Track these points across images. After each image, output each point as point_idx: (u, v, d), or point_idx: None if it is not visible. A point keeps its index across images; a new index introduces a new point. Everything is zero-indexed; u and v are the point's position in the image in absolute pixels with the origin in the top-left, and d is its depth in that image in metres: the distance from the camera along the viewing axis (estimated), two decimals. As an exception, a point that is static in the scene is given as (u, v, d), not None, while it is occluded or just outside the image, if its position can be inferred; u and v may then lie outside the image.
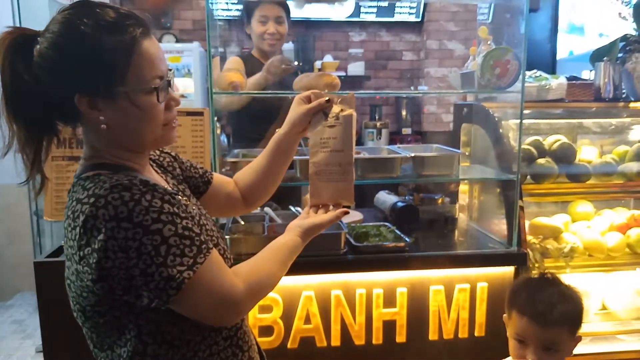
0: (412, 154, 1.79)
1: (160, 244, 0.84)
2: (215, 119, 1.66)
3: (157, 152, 1.14)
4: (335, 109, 1.11)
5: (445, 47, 4.95)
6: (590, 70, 2.47)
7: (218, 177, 1.24)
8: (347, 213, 1.08)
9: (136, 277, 0.83)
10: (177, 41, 4.44)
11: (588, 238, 2.12)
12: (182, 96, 3.68)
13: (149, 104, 0.91)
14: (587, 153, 2.31)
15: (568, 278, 2.10)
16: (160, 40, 4.68)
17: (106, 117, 0.90)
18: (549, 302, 1.24)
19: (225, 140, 1.80)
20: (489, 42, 2.20)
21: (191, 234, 0.88)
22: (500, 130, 2.04)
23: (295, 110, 1.15)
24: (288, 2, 2.59)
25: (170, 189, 1.02)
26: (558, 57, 4.89)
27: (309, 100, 1.15)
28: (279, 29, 2.50)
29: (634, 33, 2.48)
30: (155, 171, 1.07)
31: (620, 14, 3.12)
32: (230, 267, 0.98)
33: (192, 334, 0.94)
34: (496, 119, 2.04)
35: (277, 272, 1.01)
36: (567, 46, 4.93)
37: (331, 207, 1.10)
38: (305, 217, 1.11)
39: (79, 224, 0.85)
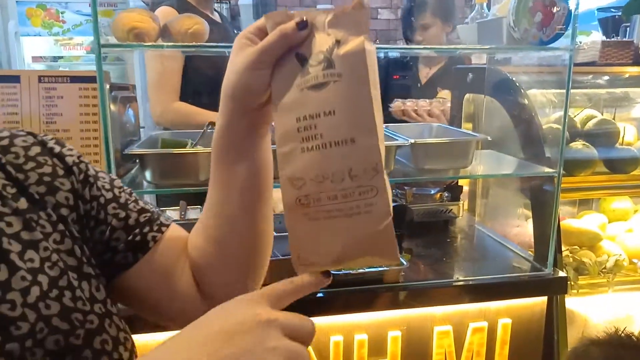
0: (411, 141, 1.21)
1: None
2: (109, 86, 1.05)
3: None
4: (322, 41, 0.47)
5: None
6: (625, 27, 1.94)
7: (175, 232, 0.65)
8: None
9: None
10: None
11: (632, 246, 1.61)
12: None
13: None
14: (627, 133, 1.79)
15: (608, 300, 1.63)
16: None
17: None
18: None
19: (134, 119, 1.20)
20: (507, -17, 1.63)
21: None
22: (525, 102, 1.49)
23: (236, 63, 0.50)
24: None
25: None
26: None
27: (262, 34, 0.50)
28: None
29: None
30: None
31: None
32: None
33: None
34: (522, 90, 1.48)
35: None
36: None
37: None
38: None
39: None
